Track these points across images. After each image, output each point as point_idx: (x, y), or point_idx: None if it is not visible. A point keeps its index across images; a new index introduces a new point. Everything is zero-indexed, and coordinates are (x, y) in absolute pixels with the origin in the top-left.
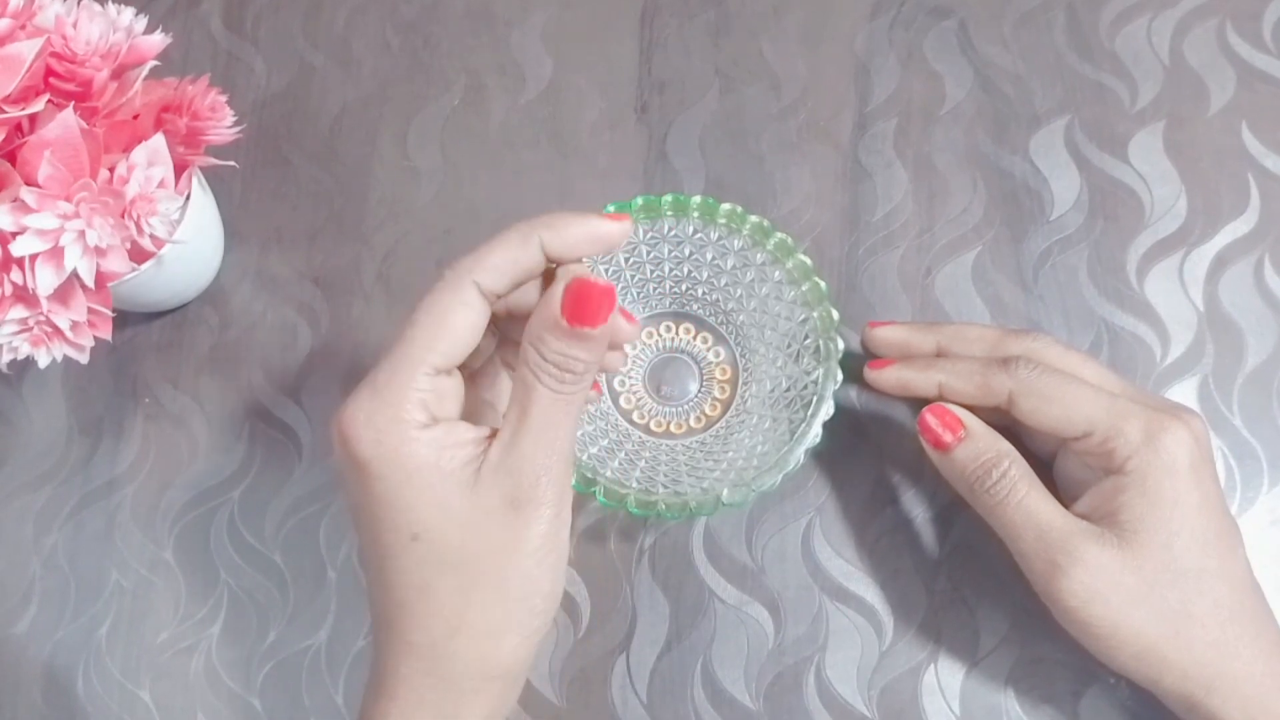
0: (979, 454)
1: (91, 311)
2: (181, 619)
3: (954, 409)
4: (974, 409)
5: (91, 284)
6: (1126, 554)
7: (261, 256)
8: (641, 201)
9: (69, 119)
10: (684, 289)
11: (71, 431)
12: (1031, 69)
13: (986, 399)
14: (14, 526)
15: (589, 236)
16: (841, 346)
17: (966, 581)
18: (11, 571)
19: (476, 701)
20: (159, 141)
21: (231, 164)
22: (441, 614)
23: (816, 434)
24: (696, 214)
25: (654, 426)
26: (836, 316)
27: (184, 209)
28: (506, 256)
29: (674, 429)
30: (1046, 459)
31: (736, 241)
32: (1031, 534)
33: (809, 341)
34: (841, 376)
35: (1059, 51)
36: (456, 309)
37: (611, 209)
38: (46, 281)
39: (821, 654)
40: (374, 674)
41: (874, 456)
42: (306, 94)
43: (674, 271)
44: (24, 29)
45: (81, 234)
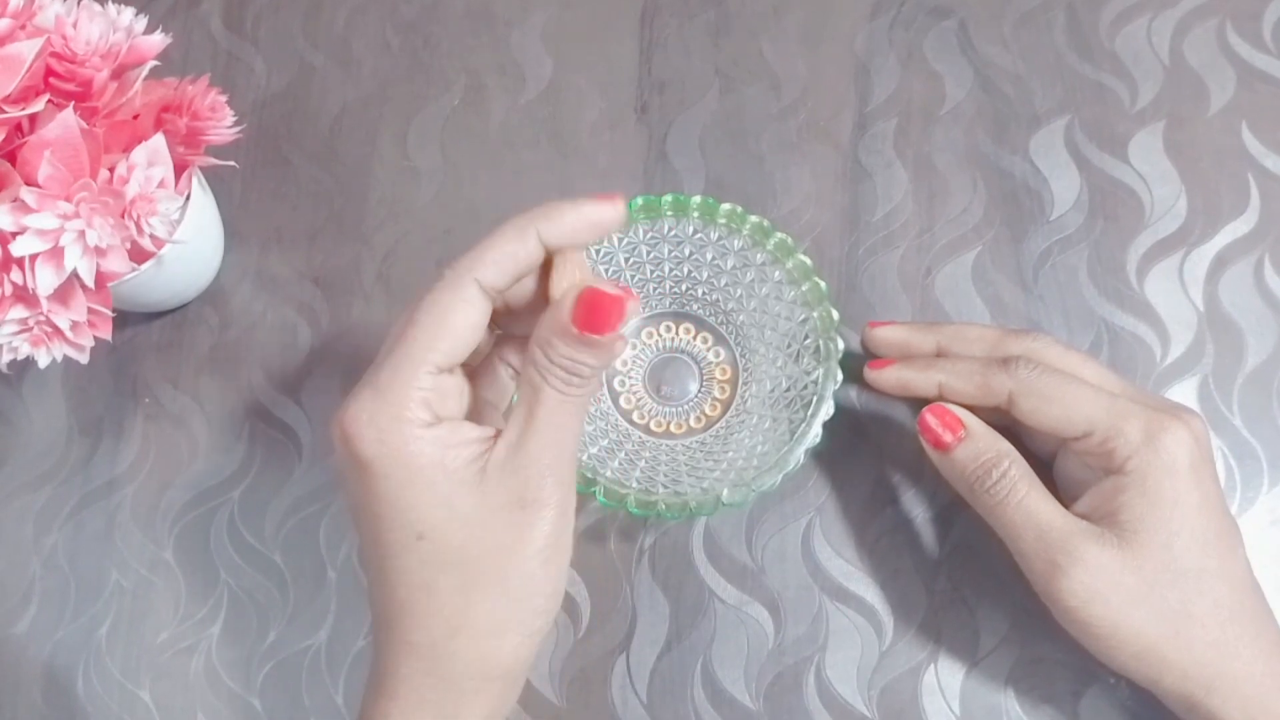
0: (979, 454)
1: (91, 311)
2: (181, 619)
3: (954, 409)
4: (974, 409)
5: (91, 284)
6: (1126, 554)
7: (261, 256)
8: (641, 201)
9: (69, 119)
10: (684, 289)
11: (71, 431)
12: (1031, 69)
13: (986, 399)
14: (14, 526)
15: (584, 222)
16: (841, 346)
17: (966, 581)
18: (11, 571)
19: (477, 701)
20: (159, 141)
21: (231, 164)
22: (443, 613)
23: (816, 434)
24: (696, 214)
25: (654, 426)
26: (836, 316)
27: (184, 209)
28: (505, 252)
29: (674, 429)
30: (1046, 459)
31: (736, 241)
32: (1031, 534)
33: (809, 341)
34: (841, 376)
35: (1059, 51)
36: (458, 307)
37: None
38: (46, 281)
39: (821, 654)
40: (374, 673)
41: (874, 456)
42: (306, 94)
43: (674, 271)
44: (24, 29)
45: (81, 234)
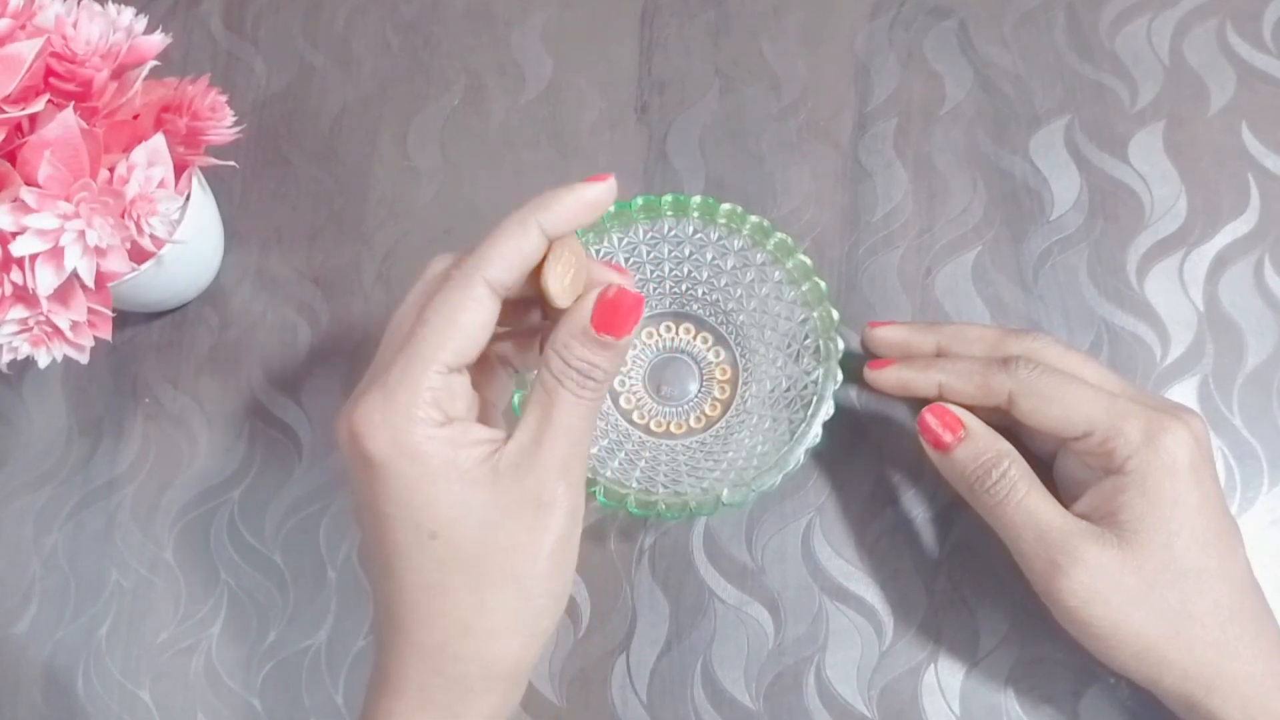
0: (979, 454)
1: (91, 311)
2: (181, 619)
3: (954, 409)
4: (974, 409)
5: (91, 284)
6: (1126, 554)
7: (261, 256)
8: (641, 201)
9: (69, 119)
10: (684, 289)
11: (71, 431)
12: (1031, 69)
13: (986, 399)
14: (14, 526)
15: (581, 205)
16: (841, 346)
17: (966, 581)
18: (11, 571)
19: (483, 701)
20: (159, 141)
21: (231, 164)
22: (455, 613)
23: (816, 434)
24: (696, 214)
25: (654, 426)
26: (836, 316)
27: (184, 209)
28: (511, 248)
29: (674, 429)
30: (1046, 459)
31: (736, 241)
32: (1031, 534)
33: (809, 341)
34: (841, 376)
35: (1059, 51)
36: (467, 306)
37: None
38: (46, 281)
39: (821, 654)
40: (378, 672)
41: (874, 456)
42: (306, 94)
43: (674, 271)
44: (24, 29)
45: (81, 234)
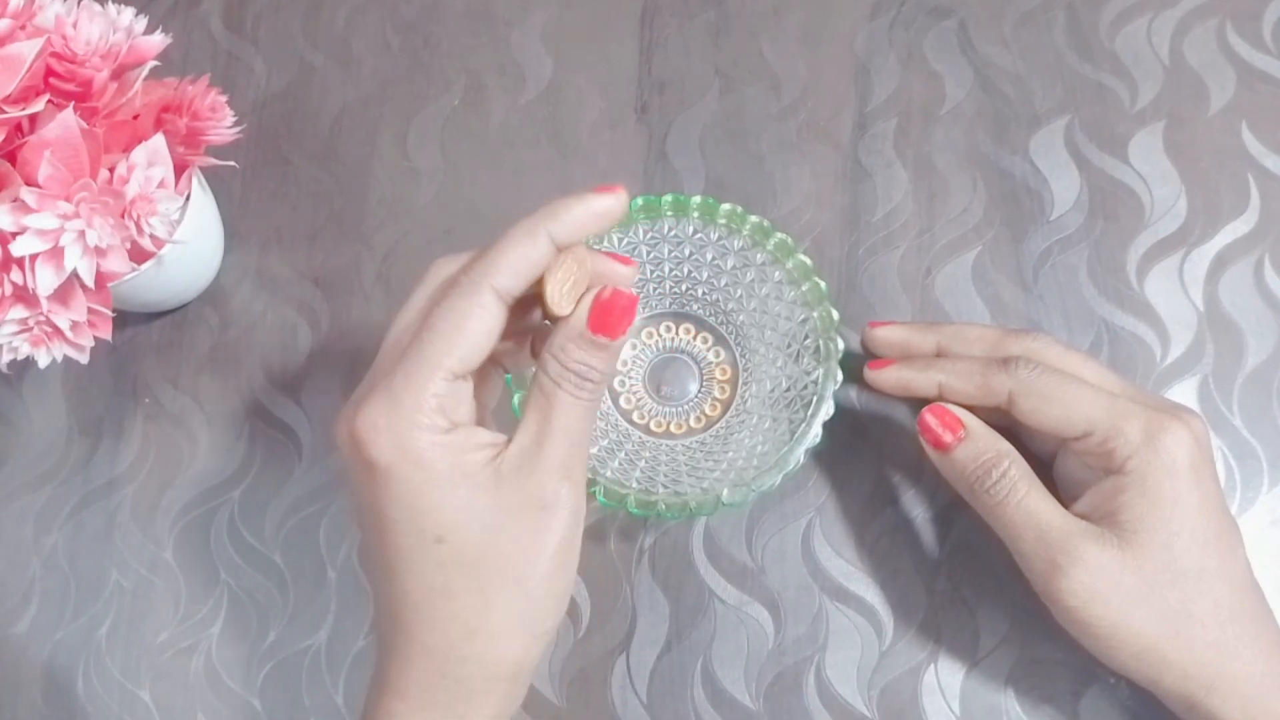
0: (979, 454)
1: (91, 311)
2: (181, 619)
3: (954, 409)
4: (974, 409)
5: (91, 284)
6: (1126, 554)
7: (261, 256)
8: (641, 201)
9: (69, 119)
10: (684, 289)
11: (71, 431)
12: (1031, 69)
13: (986, 399)
14: (14, 526)
15: (591, 215)
16: (841, 346)
17: (966, 581)
18: (11, 571)
19: (486, 702)
20: (159, 141)
21: (231, 164)
22: (459, 616)
23: (816, 434)
24: (696, 214)
25: (654, 426)
26: (836, 316)
27: (184, 209)
28: (519, 255)
29: (674, 429)
30: (1046, 459)
31: (736, 241)
32: (1031, 534)
33: (809, 341)
34: (841, 376)
35: (1059, 51)
36: (475, 313)
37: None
38: (46, 281)
39: (821, 654)
40: (380, 673)
41: (874, 456)
42: (306, 94)
43: (674, 271)
44: (24, 29)
45: (81, 234)
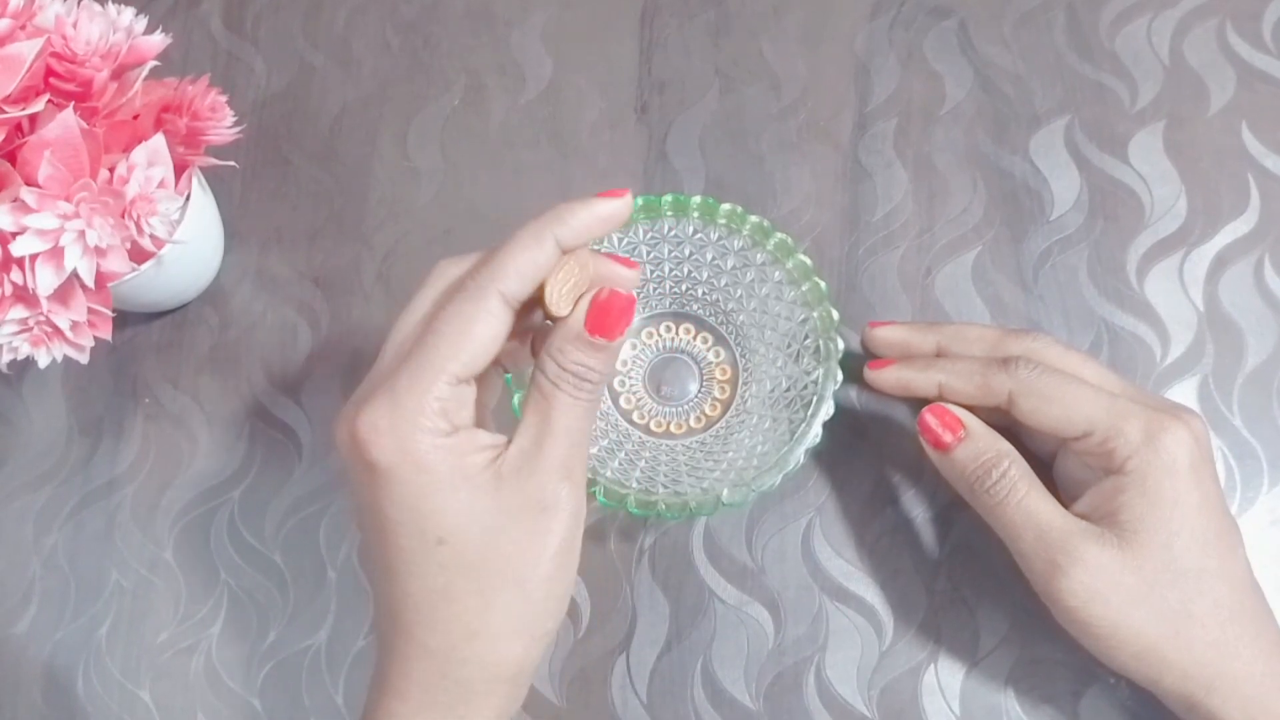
0: (979, 454)
1: (91, 311)
2: (181, 619)
3: (954, 409)
4: (974, 409)
5: (91, 284)
6: (1126, 554)
7: (261, 256)
8: (641, 201)
9: (69, 119)
10: (684, 289)
11: (71, 431)
12: (1031, 69)
13: (986, 399)
14: (14, 526)
15: (596, 219)
16: (841, 346)
17: (966, 581)
18: (11, 571)
19: (487, 703)
20: (159, 141)
21: (231, 164)
22: (461, 618)
23: (816, 434)
24: (696, 214)
25: (654, 426)
26: (836, 316)
27: (184, 209)
28: (526, 260)
29: (674, 429)
30: (1046, 459)
31: (736, 241)
32: (1031, 534)
33: (809, 341)
34: (841, 376)
35: (1059, 51)
36: (481, 319)
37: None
38: (46, 281)
39: (821, 654)
40: (380, 674)
41: (874, 456)
42: (306, 94)
43: (674, 271)
44: (24, 29)
45: (81, 234)
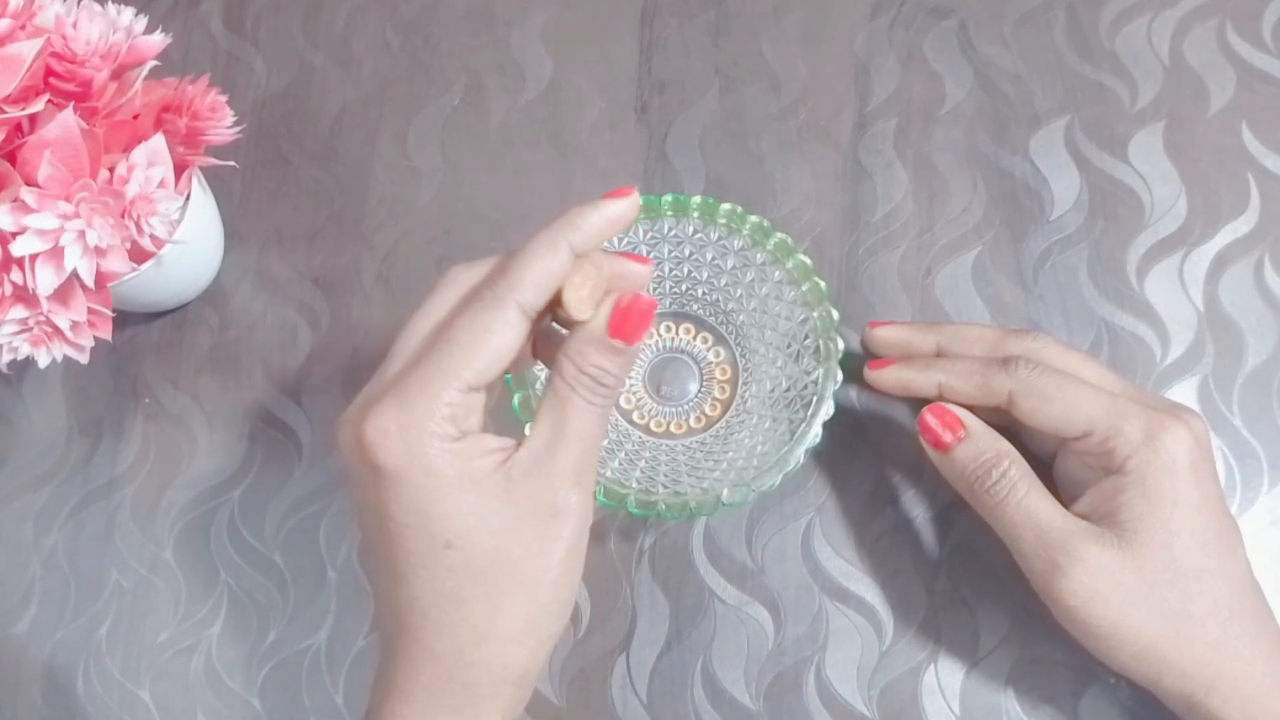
0: (979, 454)
1: (91, 311)
2: (181, 619)
3: (954, 409)
4: (974, 409)
5: (91, 284)
6: (1126, 554)
7: (261, 256)
8: (641, 201)
9: (69, 119)
10: (684, 289)
11: (71, 431)
12: (1031, 69)
13: (986, 399)
14: (14, 526)
15: (607, 222)
16: (841, 346)
17: (966, 581)
18: (11, 571)
19: (493, 706)
20: (159, 141)
21: (231, 164)
22: (470, 621)
23: (816, 434)
24: (696, 214)
25: (654, 426)
26: (836, 316)
27: (184, 209)
28: (542, 269)
29: (674, 429)
30: (1046, 459)
31: (736, 241)
32: (1031, 534)
33: (809, 341)
34: (841, 376)
35: (1059, 51)
36: (498, 329)
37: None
38: (46, 281)
39: (821, 654)
40: (385, 676)
41: (874, 456)
42: (306, 94)
43: (674, 271)
44: (24, 29)
45: (81, 234)
